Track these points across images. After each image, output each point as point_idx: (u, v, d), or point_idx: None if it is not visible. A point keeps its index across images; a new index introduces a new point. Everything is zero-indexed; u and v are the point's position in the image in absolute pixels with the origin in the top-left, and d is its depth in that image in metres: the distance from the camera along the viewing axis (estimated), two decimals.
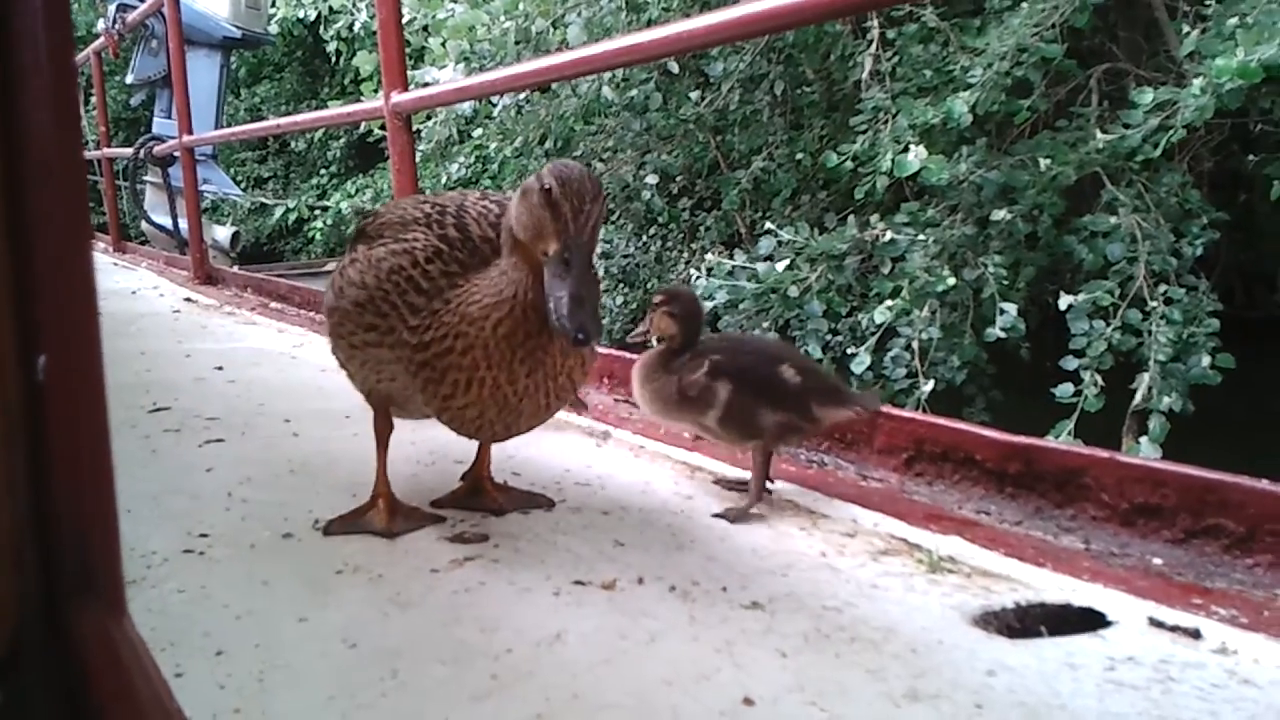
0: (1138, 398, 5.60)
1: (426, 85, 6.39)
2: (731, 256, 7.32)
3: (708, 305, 6.97)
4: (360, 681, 1.37)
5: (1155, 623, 1.50)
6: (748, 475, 2.19)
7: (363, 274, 1.83)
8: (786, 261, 6.90)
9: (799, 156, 8.56)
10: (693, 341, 2.12)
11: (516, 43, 7.94)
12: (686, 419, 2.11)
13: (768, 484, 2.10)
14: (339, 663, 1.42)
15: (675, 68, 8.53)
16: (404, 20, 4.29)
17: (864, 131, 6.94)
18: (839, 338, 7.13)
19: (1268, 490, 1.69)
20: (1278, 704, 1.29)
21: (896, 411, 2.27)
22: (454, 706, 1.30)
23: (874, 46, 7.45)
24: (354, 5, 10.56)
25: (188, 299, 6.06)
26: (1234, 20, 5.38)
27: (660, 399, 2.12)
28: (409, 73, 3.87)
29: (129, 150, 9.51)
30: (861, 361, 6.42)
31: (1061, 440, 4.62)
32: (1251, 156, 7.33)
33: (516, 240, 1.65)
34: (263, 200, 18.65)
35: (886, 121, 6.84)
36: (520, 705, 1.30)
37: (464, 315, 1.68)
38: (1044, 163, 6.46)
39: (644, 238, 9.83)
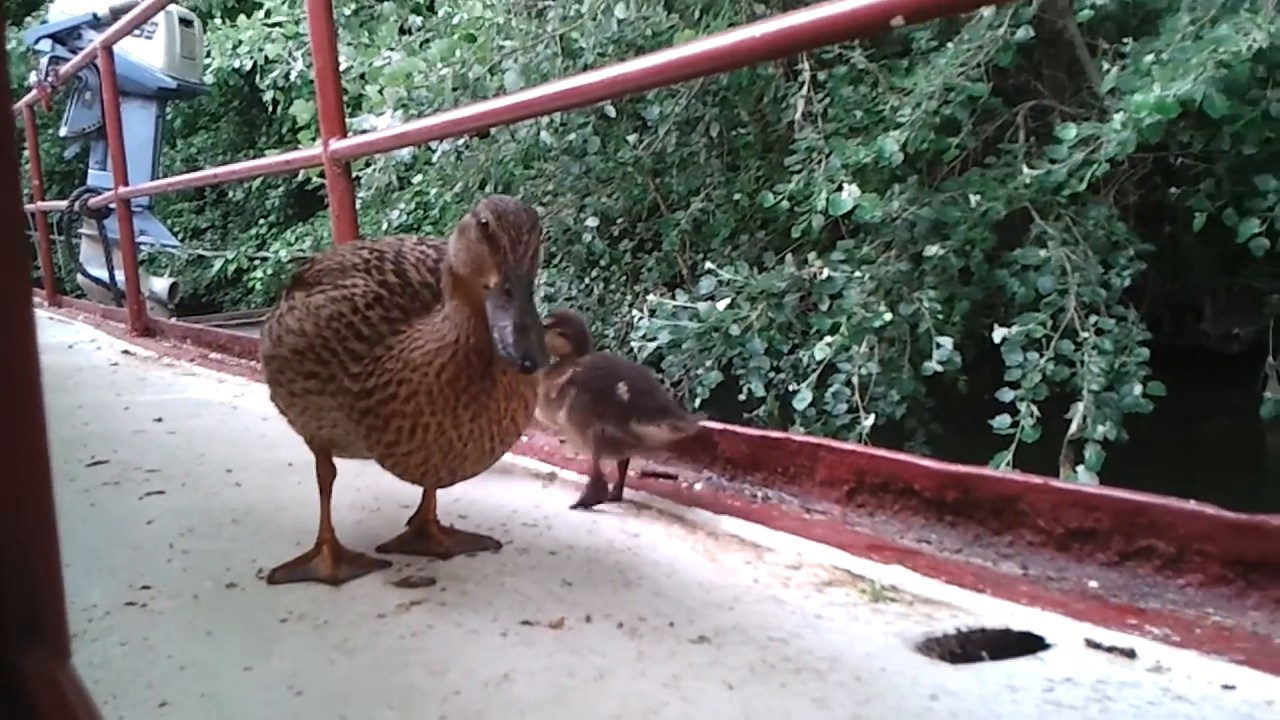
0: (1073, 427, 5.71)
1: (364, 132, 6.40)
2: (674, 297, 7.38)
3: (650, 346, 7.01)
4: None
5: (1092, 644, 1.54)
6: (702, 514, 2.22)
7: (301, 321, 1.82)
8: (727, 300, 6.96)
9: (736, 197, 8.66)
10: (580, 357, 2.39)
11: (454, 89, 7.98)
12: (548, 416, 2.38)
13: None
14: (285, 711, 1.41)
15: (612, 111, 8.60)
16: (341, 68, 4.31)
17: (799, 171, 7.06)
18: (781, 375, 7.18)
19: (1195, 511, 1.74)
20: (1210, 718, 1.32)
21: (837, 444, 2.31)
22: None
23: (805, 88, 7.59)
24: (290, 55, 10.55)
25: (125, 351, 5.98)
26: (1150, 57, 5.57)
27: (540, 400, 2.34)
28: (346, 120, 3.89)
29: (64, 203, 9.40)
30: (804, 398, 6.49)
31: (994, 469, 4.69)
32: (1174, 189, 7.53)
33: (457, 279, 1.66)
34: (200, 253, 18.46)
35: (820, 161, 6.96)
36: None
37: (407, 361, 1.68)
38: (974, 199, 6.61)
39: (586, 280, 9.86)
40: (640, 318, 7.42)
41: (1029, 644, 1.56)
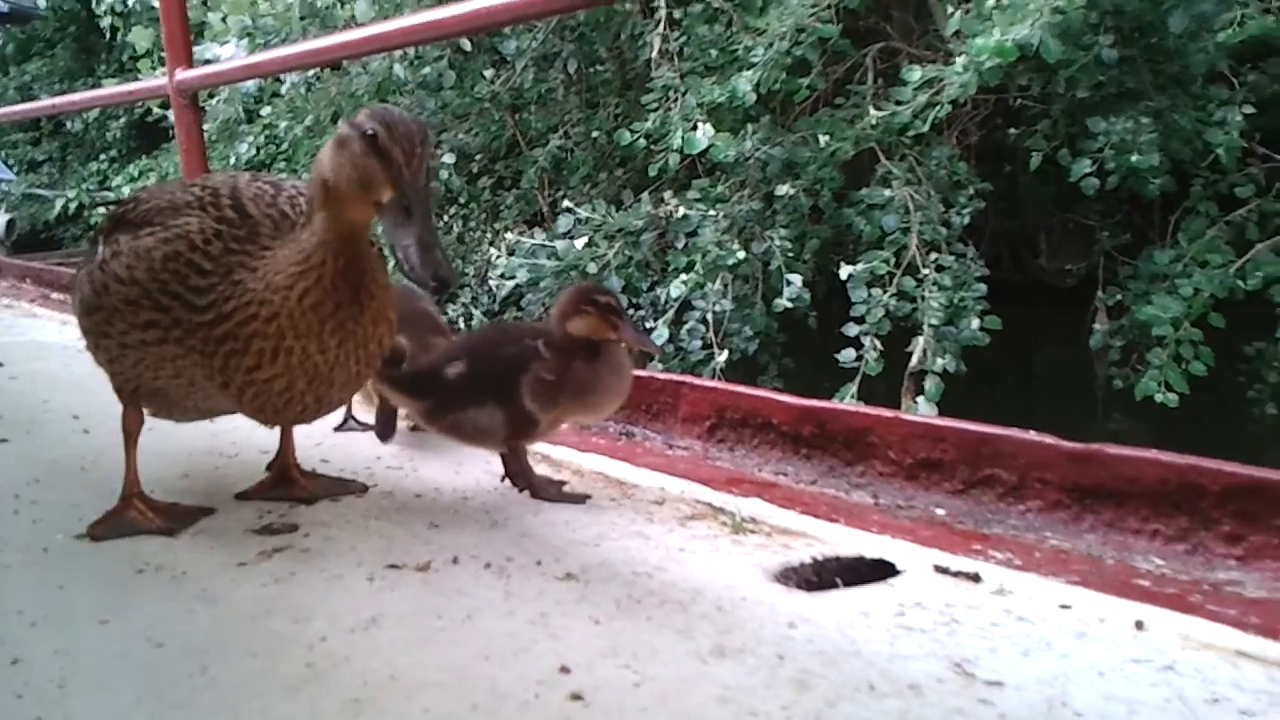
0: (914, 360, 5.90)
1: (209, 62, 6.13)
2: (533, 235, 7.33)
3: (509, 284, 6.97)
4: (168, 680, 1.34)
5: (940, 569, 1.62)
6: (567, 452, 2.24)
7: (131, 269, 1.69)
8: (585, 239, 6.95)
9: (595, 135, 8.60)
10: None
11: (302, 18, 7.68)
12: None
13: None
14: (144, 663, 1.39)
15: (468, 46, 8.42)
16: None
17: (655, 110, 7.05)
18: (641, 312, 7.24)
19: (1035, 441, 1.85)
20: (1049, 637, 1.41)
21: (699, 381, 2.35)
22: (268, 698, 1.29)
23: (662, 26, 7.56)
24: None
25: None
26: (991, 2, 5.71)
27: None
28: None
29: None
30: (660, 335, 6.54)
31: (847, 402, 4.85)
32: (1012, 130, 7.78)
33: (328, 196, 1.59)
34: (38, 193, 17.45)
35: (676, 100, 6.96)
36: (337, 691, 1.30)
37: (270, 283, 1.60)
38: (823, 139, 6.71)
39: (445, 218, 9.69)
40: (499, 256, 7.34)
41: (881, 571, 1.63)
